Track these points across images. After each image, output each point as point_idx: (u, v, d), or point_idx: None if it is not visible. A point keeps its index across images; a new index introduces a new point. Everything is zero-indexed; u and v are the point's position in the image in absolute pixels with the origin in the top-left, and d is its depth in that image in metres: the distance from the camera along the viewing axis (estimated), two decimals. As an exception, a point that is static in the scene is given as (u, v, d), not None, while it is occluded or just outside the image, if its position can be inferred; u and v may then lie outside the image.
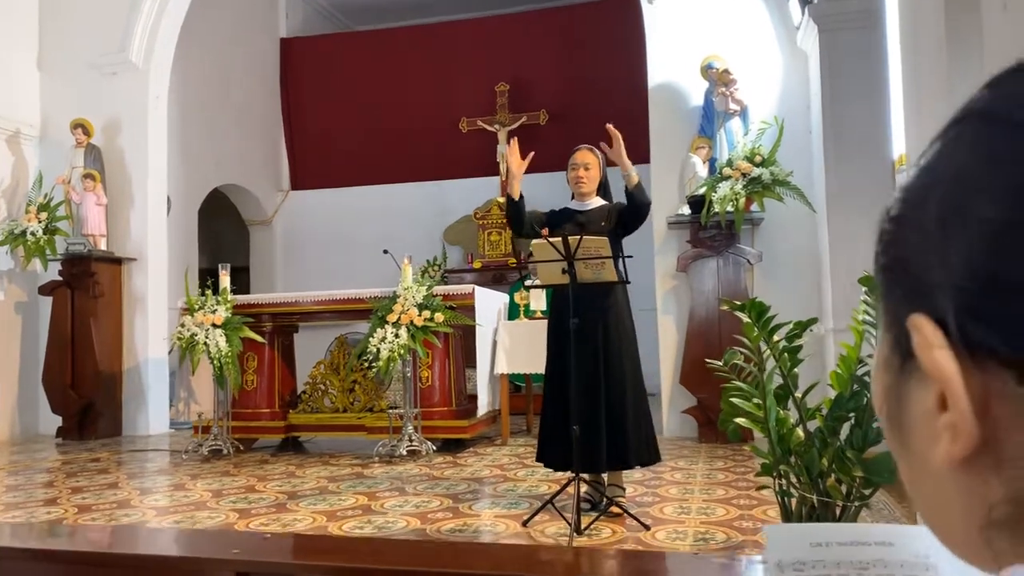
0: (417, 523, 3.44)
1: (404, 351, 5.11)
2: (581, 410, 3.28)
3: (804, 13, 5.56)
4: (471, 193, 9.67)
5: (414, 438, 5.18)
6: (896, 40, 4.03)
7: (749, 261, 5.69)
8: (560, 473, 3.75)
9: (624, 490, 3.70)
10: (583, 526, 3.13)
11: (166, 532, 3.07)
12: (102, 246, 6.93)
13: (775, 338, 2.55)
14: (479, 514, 3.63)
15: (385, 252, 6.07)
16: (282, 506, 3.85)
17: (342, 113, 10.30)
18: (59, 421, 6.75)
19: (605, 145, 3.57)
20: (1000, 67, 0.37)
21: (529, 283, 3.81)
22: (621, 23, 8.79)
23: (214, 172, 9.30)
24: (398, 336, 5.11)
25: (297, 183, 10.59)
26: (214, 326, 5.42)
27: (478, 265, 9.30)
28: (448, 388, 5.55)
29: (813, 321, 2.68)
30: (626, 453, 3.47)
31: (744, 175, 5.46)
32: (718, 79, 5.77)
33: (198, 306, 5.52)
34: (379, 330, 5.16)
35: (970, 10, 2.63)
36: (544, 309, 5.90)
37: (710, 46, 5.95)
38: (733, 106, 5.73)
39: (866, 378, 2.53)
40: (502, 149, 9.50)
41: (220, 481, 4.57)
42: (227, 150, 9.43)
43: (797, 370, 2.63)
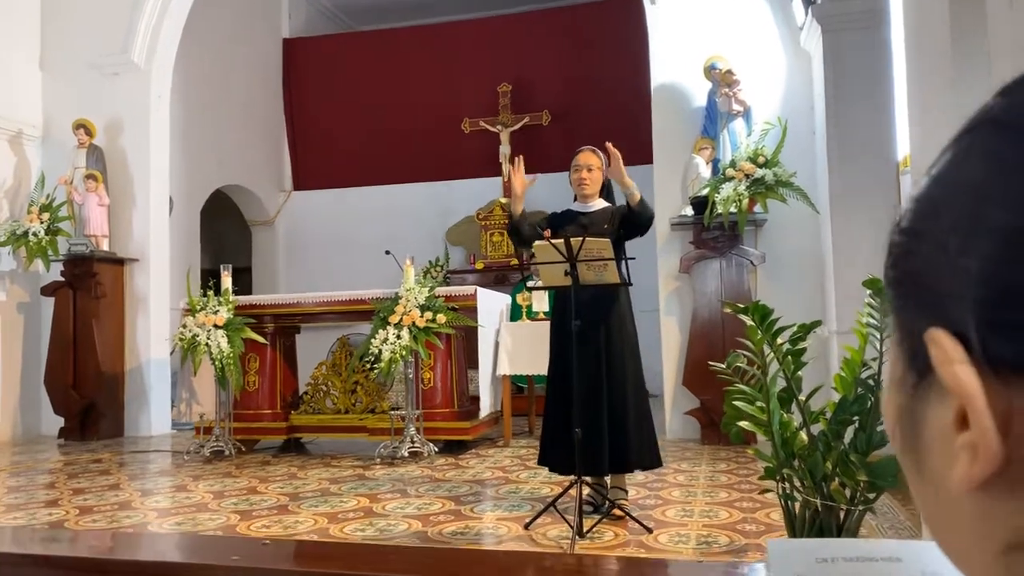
0: (419, 525, 3.42)
1: (406, 352, 5.10)
2: (583, 412, 3.27)
3: (807, 13, 5.54)
4: (473, 194, 9.66)
5: (416, 439, 5.17)
6: (900, 40, 4.01)
7: (752, 262, 5.67)
8: (562, 475, 3.74)
9: (627, 492, 3.68)
10: (585, 529, 3.11)
11: (166, 538, 3.07)
12: (104, 247, 6.93)
13: (779, 341, 2.54)
14: (481, 516, 3.62)
15: (387, 253, 6.06)
16: (284, 508, 3.84)
17: (345, 113, 10.30)
18: (61, 422, 6.75)
19: (605, 164, 3.57)
20: (1006, 66, 0.36)
21: (531, 284, 3.80)
22: (624, 23, 8.78)
23: (216, 172, 9.30)
24: (400, 337, 5.10)
25: (299, 183, 10.59)
26: (216, 327, 5.42)
27: (480, 266, 9.30)
28: (450, 389, 5.54)
29: (817, 324, 2.67)
30: (627, 456, 3.46)
31: (747, 176, 5.44)
32: (721, 80, 5.76)
33: (200, 307, 5.52)
34: (381, 331, 5.16)
35: (975, 9, 2.62)
36: (546, 310, 5.89)
37: (713, 47, 5.93)
38: (736, 107, 5.71)
39: (870, 381, 2.52)
40: (504, 150, 9.50)
41: (222, 482, 4.57)
42: (229, 150, 9.43)
43: (801, 373, 2.62)
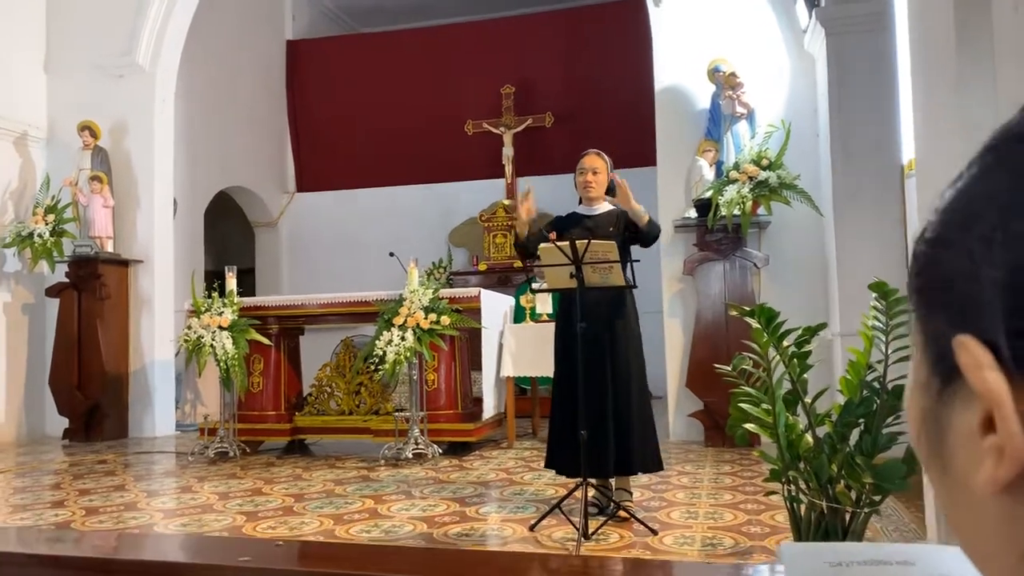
0: (424, 527, 3.43)
1: (410, 354, 5.11)
2: (589, 414, 3.28)
3: (811, 16, 5.54)
4: (476, 195, 9.67)
5: (420, 441, 5.18)
6: (904, 43, 4.01)
7: (756, 264, 5.67)
8: (569, 477, 3.74)
9: (631, 494, 3.69)
10: (591, 530, 3.12)
11: (177, 538, 3.07)
12: (109, 248, 6.95)
13: (784, 343, 2.54)
14: (486, 518, 3.62)
15: (391, 255, 6.07)
16: (289, 509, 3.85)
17: (348, 115, 10.32)
18: (65, 422, 6.77)
19: (616, 191, 3.57)
20: (1011, 70, 0.37)
21: (536, 286, 3.81)
22: (627, 26, 8.79)
23: (220, 174, 9.32)
24: (404, 339, 5.11)
25: (303, 185, 10.61)
26: (220, 328, 5.43)
27: (483, 267, 9.30)
28: (454, 391, 5.54)
29: (822, 326, 2.67)
30: (630, 459, 3.47)
31: (751, 178, 5.45)
32: (725, 82, 5.76)
33: (205, 308, 5.53)
34: (385, 333, 5.16)
35: (980, 12, 2.62)
36: (550, 312, 5.90)
37: (717, 49, 5.94)
38: (740, 109, 5.72)
39: (875, 384, 2.52)
40: (507, 151, 9.51)
41: (227, 483, 4.57)
42: (233, 152, 9.45)
43: (806, 375, 2.62)
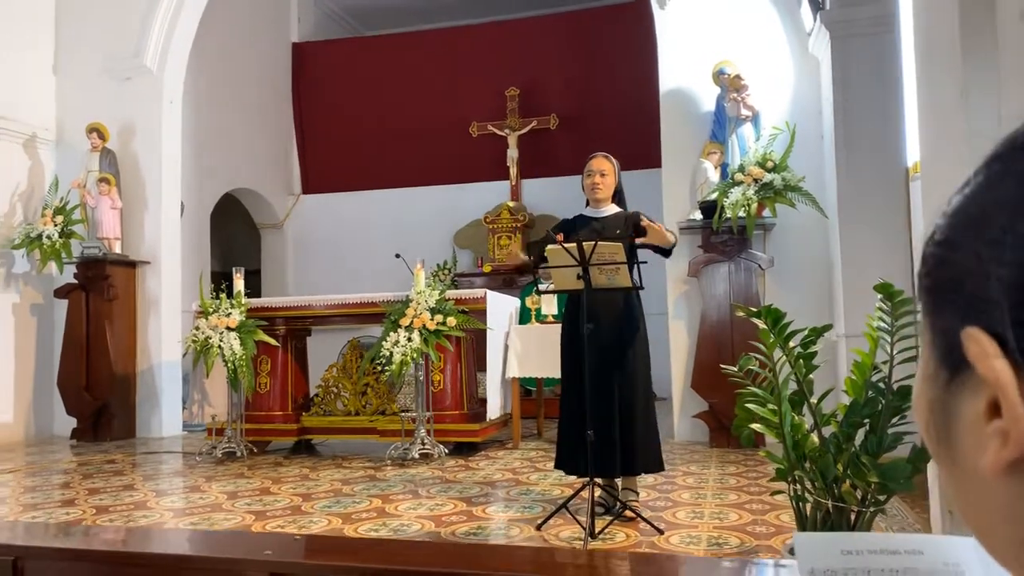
0: (432, 526, 3.46)
1: (416, 355, 5.14)
2: (595, 415, 3.31)
3: (816, 19, 5.57)
4: (481, 197, 9.71)
5: (426, 441, 5.21)
6: (909, 47, 4.04)
7: (761, 266, 5.70)
8: (573, 477, 3.77)
9: (638, 494, 3.72)
10: (597, 530, 3.15)
11: (200, 534, 3.11)
12: (117, 249, 7.00)
13: (790, 344, 2.57)
14: (493, 517, 3.65)
15: (397, 256, 6.11)
16: (297, 508, 3.89)
17: (353, 117, 10.36)
18: (73, 422, 6.82)
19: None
20: (1016, 75, 0.40)
21: (543, 287, 3.84)
22: (632, 28, 8.82)
23: (226, 176, 9.37)
24: (411, 340, 5.14)
25: (308, 187, 10.65)
26: (228, 329, 5.47)
27: (488, 269, 9.33)
28: (460, 392, 5.58)
29: (828, 327, 2.70)
30: (634, 459, 3.51)
31: (756, 180, 5.47)
32: (730, 84, 5.79)
33: (213, 309, 5.56)
34: (392, 334, 5.20)
35: (985, 17, 2.65)
36: (555, 313, 5.93)
37: (722, 51, 5.97)
38: (745, 111, 5.75)
39: (881, 384, 2.55)
40: (512, 153, 9.55)
41: (235, 483, 4.61)
42: (239, 154, 9.50)
43: (811, 376, 2.65)
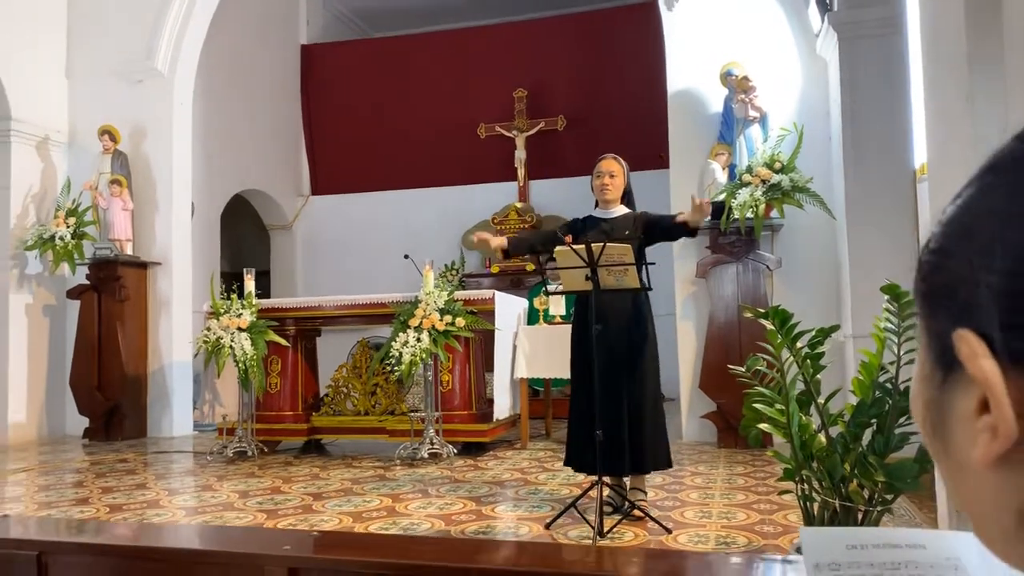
0: (441, 524, 3.49)
1: (426, 355, 5.18)
2: (605, 415, 3.34)
3: (824, 20, 5.58)
4: (489, 198, 9.74)
5: (435, 441, 5.25)
6: (917, 48, 4.05)
7: (768, 267, 5.71)
8: (582, 476, 3.80)
9: (646, 494, 3.74)
10: (605, 529, 3.17)
11: (219, 529, 3.15)
12: (128, 251, 7.06)
13: (798, 345, 2.60)
14: (502, 516, 3.68)
15: (406, 257, 6.15)
16: (308, 507, 3.92)
17: (362, 118, 10.41)
18: (85, 422, 6.88)
19: (697, 206, 3.47)
20: (1022, 77, 0.43)
21: (552, 289, 3.87)
22: (640, 29, 8.84)
23: (236, 177, 9.43)
24: (420, 340, 5.18)
25: (317, 188, 10.71)
26: (240, 330, 5.52)
27: (496, 270, 9.36)
28: (468, 392, 5.61)
29: (835, 328, 2.72)
30: (643, 459, 3.54)
31: (764, 182, 5.49)
32: (737, 86, 5.80)
33: (224, 310, 5.61)
34: (401, 334, 5.23)
35: (991, 20, 2.66)
36: (563, 314, 5.96)
37: (730, 53, 5.98)
38: (753, 113, 5.76)
39: (888, 385, 2.57)
40: (520, 155, 9.58)
41: (246, 482, 4.65)
42: (248, 155, 9.56)
43: (819, 376, 2.67)
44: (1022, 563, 0.41)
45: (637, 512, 3.41)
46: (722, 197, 5.62)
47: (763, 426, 2.65)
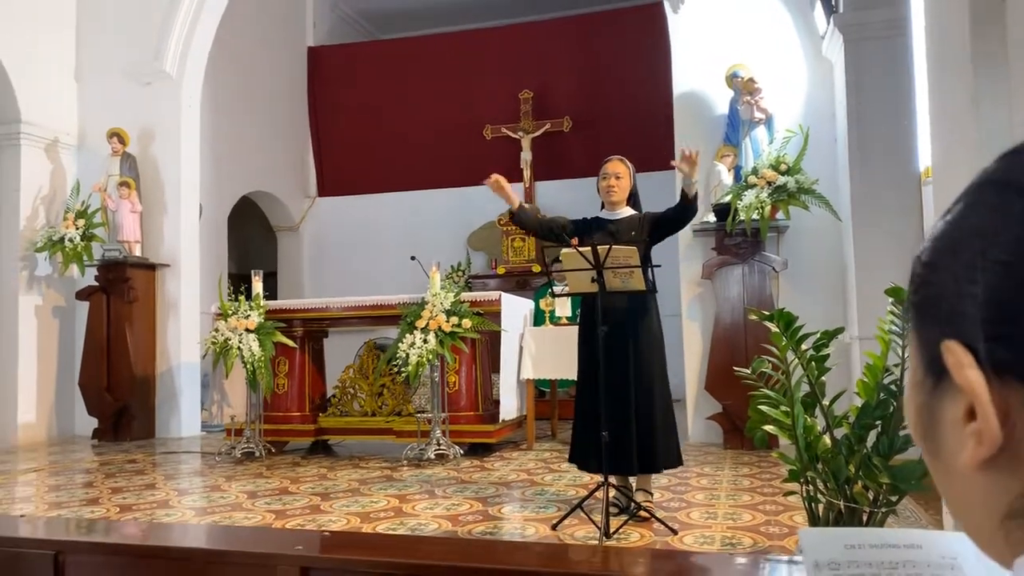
0: (448, 525, 3.51)
1: (432, 356, 5.20)
2: (611, 417, 3.35)
3: (829, 22, 5.59)
4: (495, 199, 9.66)
5: (442, 442, 5.27)
6: (922, 50, 4.06)
7: (774, 269, 5.72)
8: (588, 477, 3.82)
9: (652, 495, 3.76)
10: (612, 530, 3.19)
11: (232, 529, 3.19)
12: (137, 252, 7.11)
13: (803, 347, 2.61)
14: (508, 517, 3.70)
15: (413, 259, 6.17)
16: (316, 508, 3.95)
17: (368, 120, 10.45)
18: (94, 423, 6.92)
19: (686, 156, 3.57)
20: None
21: (559, 290, 3.89)
22: (646, 31, 8.85)
23: (243, 179, 9.48)
24: (427, 341, 5.20)
25: (324, 190, 10.75)
26: (248, 331, 5.55)
27: (502, 271, 9.39)
28: (475, 393, 5.64)
29: (840, 331, 2.74)
30: (654, 459, 3.55)
31: (769, 183, 5.50)
32: (743, 88, 5.81)
33: (232, 311, 5.65)
34: (408, 335, 5.26)
35: (995, 22, 2.68)
36: (569, 315, 5.98)
37: (735, 55, 5.99)
38: (758, 115, 5.77)
39: (892, 387, 2.58)
40: (526, 156, 9.60)
41: (254, 483, 4.68)
42: (255, 157, 9.61)
43: (824, 378, 2.68)
44: (1003, 559, 0.43)
45: (643, 513, 3.43)
46: (728, 199, 5.64)
47: (768, 428, 2.66)
